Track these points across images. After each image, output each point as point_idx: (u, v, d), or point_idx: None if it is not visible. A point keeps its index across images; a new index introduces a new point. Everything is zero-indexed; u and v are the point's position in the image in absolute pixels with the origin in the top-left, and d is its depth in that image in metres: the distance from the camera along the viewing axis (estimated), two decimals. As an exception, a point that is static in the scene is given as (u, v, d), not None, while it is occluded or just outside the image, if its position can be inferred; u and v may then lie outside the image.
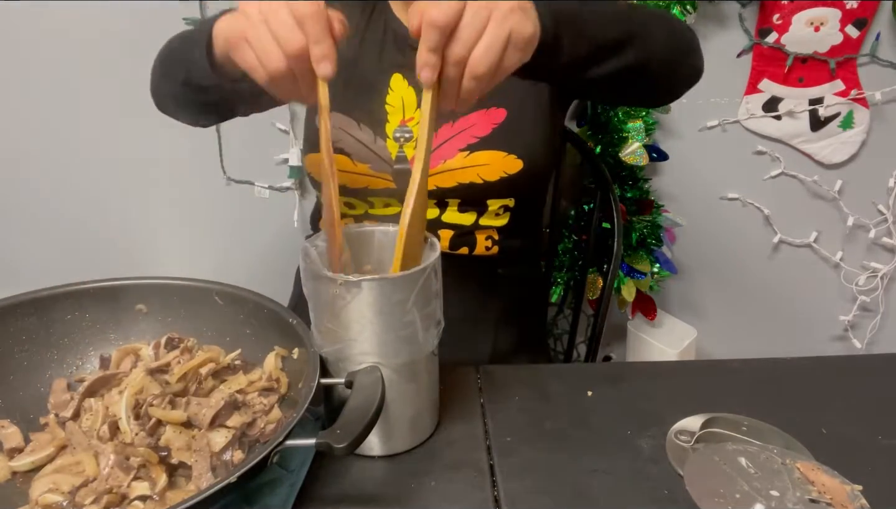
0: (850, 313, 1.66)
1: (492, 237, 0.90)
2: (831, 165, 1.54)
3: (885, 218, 1.57)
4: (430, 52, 0.53)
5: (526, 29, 0.55)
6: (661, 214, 1.47)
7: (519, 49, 0.55)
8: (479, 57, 0.52)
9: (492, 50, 0.53)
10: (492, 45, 0.53)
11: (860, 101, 1.47)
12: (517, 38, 0.54)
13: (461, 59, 0.53)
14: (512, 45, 0.54)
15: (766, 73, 1.46)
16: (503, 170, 0.84)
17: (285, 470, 0.59)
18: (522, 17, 0.54)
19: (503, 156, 0.84)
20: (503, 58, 0.54)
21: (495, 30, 0.53)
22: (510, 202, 0.88)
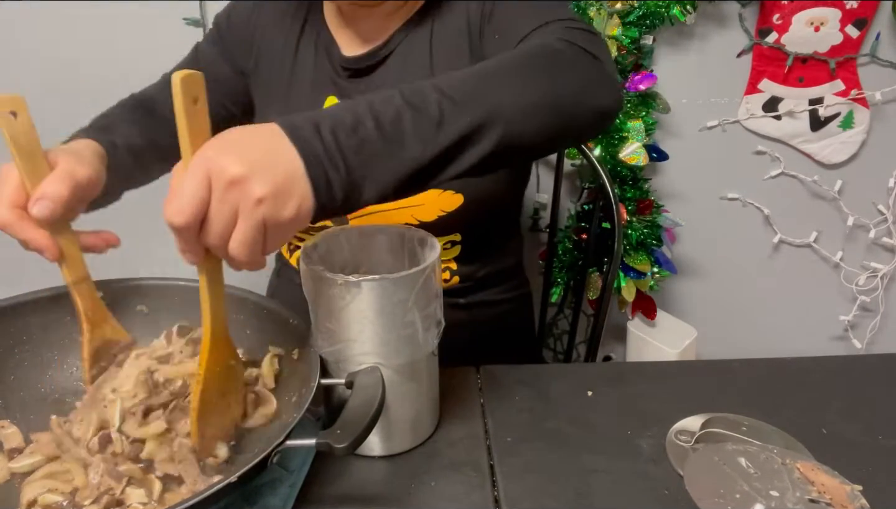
0: (850, 313, 1.66)
1: (449, 268, 0.86)
2: (831, 165, 1.54)
3: (885, 218, 1.57)
4: (182, 243, 0.47)
5: (283, 214, 0.46)
6: (661, 214, 1.47)
7: (281, 233, 0.48)
8: (233, 250, 0.46)
9: (245, 245, 0.46)
10: (244, 240, 0.46)
11: (860, 100, 1.47)
12: (274, 224, 0.46)
13: (217, 248, 0.47)
14: (272, 232, 0.47)
15: (766, 73, 1.46)
16: (440, 209, 0.79)
17: (285, 470, 0.59)
18: (275, 203, 0.46)
19: (438, 194, 0.78)
20: (267, 242, 0.47)
21: (245, 225, 0.45)
22: (456, 237, 0.84)
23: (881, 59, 1.44)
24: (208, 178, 0.45)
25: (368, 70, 0.82)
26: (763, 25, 1.42)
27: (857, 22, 1.40)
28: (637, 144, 1.37)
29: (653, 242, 1.44)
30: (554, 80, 0.59)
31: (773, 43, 1.43)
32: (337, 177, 0.48)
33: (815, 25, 1.40)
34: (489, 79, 0.56)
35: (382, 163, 0.50)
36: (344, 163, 0.48)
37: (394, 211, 0.80)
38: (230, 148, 0.46)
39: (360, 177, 0.49)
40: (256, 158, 0.45)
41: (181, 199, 0.44)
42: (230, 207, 0.45)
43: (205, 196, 0.45)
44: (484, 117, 0.53)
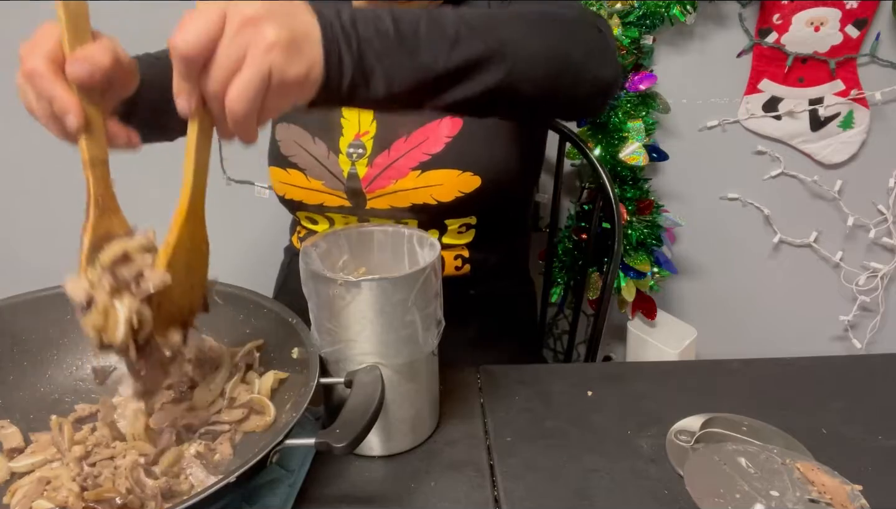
0: (850, 313, 1.66)
1: (461, 256, 0.86)
2: (831, 165, 1.54)
3: (885, 218, 1.57)
4: (182, 79, 0.45)
5: (291, 70, 0.45)
6: (661, 214, 1.47)
7: (283, 94, 0.46)
8: (233, 99, 0.44)
9: (246, 92, 0.44)
10: (246, 86, 0.44)
11: (860, 100, 1.47)
12: (279, 80, 0.45)
13: (216, 96, 0.45)
14: (274, 88, 0.45)
15: (766, 73, 1.46)
16: (458, 190, 0.80)
17: (285, 469, 0.59)
18: (286, 54, 0.44)
19: (457, 175, 0.79)
20: (266, 99, 0.45)
21: (250, 69, 0.44)
22: (471, 220, 0.84)
23: (881, 59, 1.44)
24: (223, 15, 0.43)
25: None
26: (763, 25, 1.42)
27: (857, 22, 1.40)
28: (637, 144, 1.37)
29: (653, 242, 1.44)
30: (564, 39, 0.61)
31: (773, 43, 1.43)
32: (349, 58, 0.48)
33: (815, 25, 1.40)
34: (506, 20, 0.58)
35: (394, 60, 0.50)
36: (358, 47, 0.48)
37: (412, 191, 0.80)
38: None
39: (370, 66, 0.49)
40: (276, 8, 0.45)
41: (191, 27, 0.43)
42: (240, 47, 0.43)
43: (216, 30, 0.43)
44: (495, 50, 0.55)
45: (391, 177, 0.81)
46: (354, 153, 0.83)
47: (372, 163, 0.82)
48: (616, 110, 1.38)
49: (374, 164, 0.82)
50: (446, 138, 0.80)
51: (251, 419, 0.61)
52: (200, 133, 0.49)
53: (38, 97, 0.51)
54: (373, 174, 0.82)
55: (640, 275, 1.44)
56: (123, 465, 0.55)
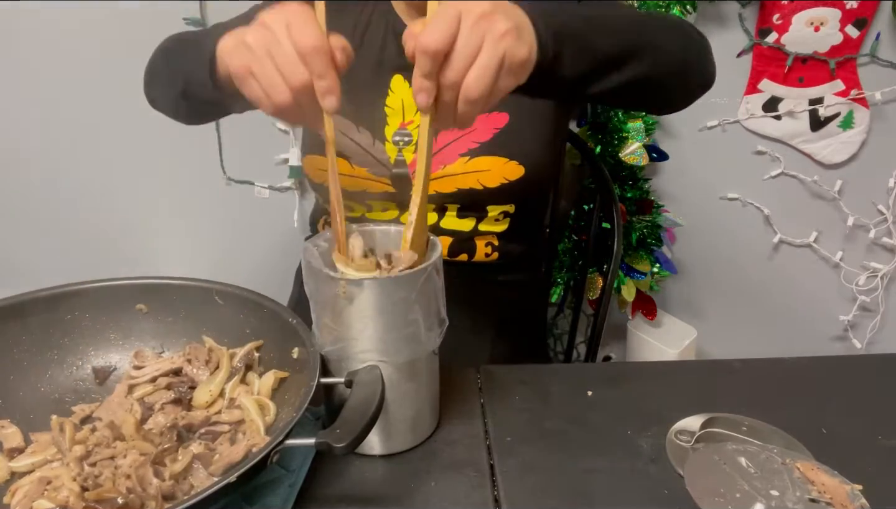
0: (850, 313, 1.66)
1: (491, 243, 0.90)
2: (831, 165, 1.54)
3: (885, 218, 1.57)
4: (424, 77, 0.52)
5: (520, 52, 0.54)
6: (661, 214, 1.47)
7: (513, 73, 0.54)
8: (472, 82, 0.52)
9: (485, 75, 0.52)
10: (485, 70, 0.52)
11: (860, 100, 1.47)
12: (511, 61, 0.53)
13: (455, 84, 0.52)
14: (506, 69, 0.53)
15: (766, 73, 1.46)
16: (504, 177, 0.83)
17: (285, 469, 0.59)
18: (516, 40, 0.53)
19: (504, 163, 0.83)
20: (497, 81, 0.53)
21: (488, 54, 0.52)
22: (510, 208, 0.87)
23: (881, 59, 1.44)
24: (458, 16, 0.51)
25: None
26: (763, 25, 1.42)
27: (857, 22, 1.40)
28: (637, 144, 1.37)
29: (653, 242, 1.44)
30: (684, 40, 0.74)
31: (773, 43, 1.43)
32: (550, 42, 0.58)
33: (815, 25, 1.40)
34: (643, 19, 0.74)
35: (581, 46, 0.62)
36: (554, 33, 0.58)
37: (460, 176, 0.83)
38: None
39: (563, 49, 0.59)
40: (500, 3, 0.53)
41: (436, 27, 0.50)
42: (477, 37, 0.51)
43: (455, 28, 0.51)
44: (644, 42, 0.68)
45: (440, 162, 0.84)
46: (401, 141, 0.85)
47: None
48: (616, 110, 1.38)
49: None
50: (494, 129, 0.84)
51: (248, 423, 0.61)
52: (431, 128, 0.56)
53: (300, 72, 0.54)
54: None
55: (640, 275, 1.44)
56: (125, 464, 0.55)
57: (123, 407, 0.62)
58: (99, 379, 0.68)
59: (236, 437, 0.59)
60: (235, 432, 0.60)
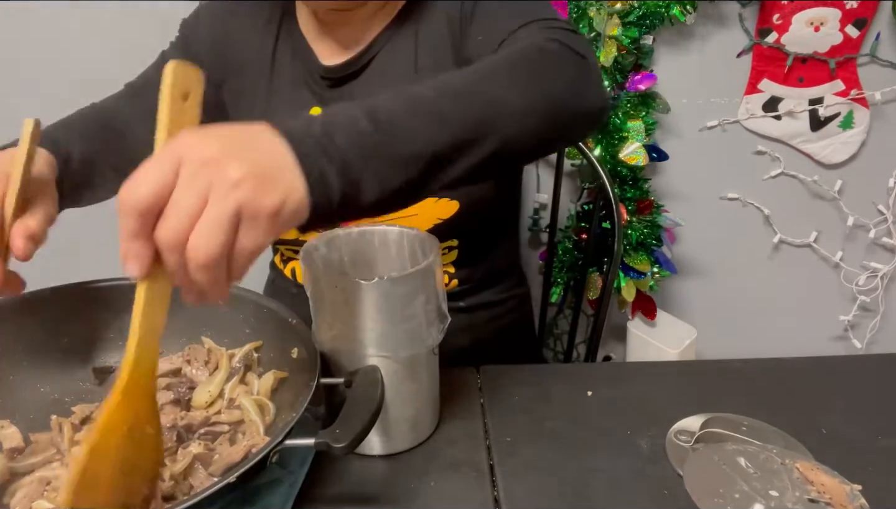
0: (850, 313, 1.66)
1: (447, 272, 0.85)
2: (831, 165, 1.54)
3: (885, 218, 1.57)
4: (131, 238, 0.39)
5: (265, 201, 0.40)
6: (661, 214, 1.47)
7: (261, 226, 0.40)
8: (195, 242, 0.38)
9: (211, 234, 0.38)
10: (210, 227, 0.38)
11: (860, 100, 1.47)
12: (252, 213, 0.39)
13: (174, 245, 0.39)
14: (247, 224, 0.40)
15: (766, 73, 1.46)
16: (436, 217, 0.78)
17: (285, 469, 0.59)
18: (257, 188, 0.39)
19: (434, 202, 0.77)
20: (238, 239, 0.40)
21: (214, 209, 0.38)
22: (453, 242, 0.83)
23: (881, 59, 1.44)
24: (178, 162, 0.39)
25: (350, 77, 0.80)
26: (763, 25, 1.42)
27: (857, 22, 1.40)
28: (637, 144, 1.37)
29: (653, 242, 1.44)
30: (546, 83, 0.57)
31: (773, 43, 1.43)
32: (332, 171, 0.43)
33: (815, 25, 1.40)
34: (484, 79, 0.54)
35: (380, 160, 0.46)
36: (340, 157, 0.44)
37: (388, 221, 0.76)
38: (209, 134, 0.41)
39: (358, 173, 0.45)
40: (238, 143, 0.40)
41: (143, 178, 0.38)
42: (200, 189, 0.38)
43: (170, 179, 0.38)
44: (484, 117, 0.51)
45: None
46: None
47: None
48: (616, 110, 1.38)
49: None
50: None
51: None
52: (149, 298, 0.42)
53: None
54: None
55: (640, 275, 1.44)
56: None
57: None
58: (99, 379, 0.68)
59: (236, 437, 0.59)
60: (235, 432, 0.60)
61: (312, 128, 0.44)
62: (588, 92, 0.60)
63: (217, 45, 0.86)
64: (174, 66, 0.40)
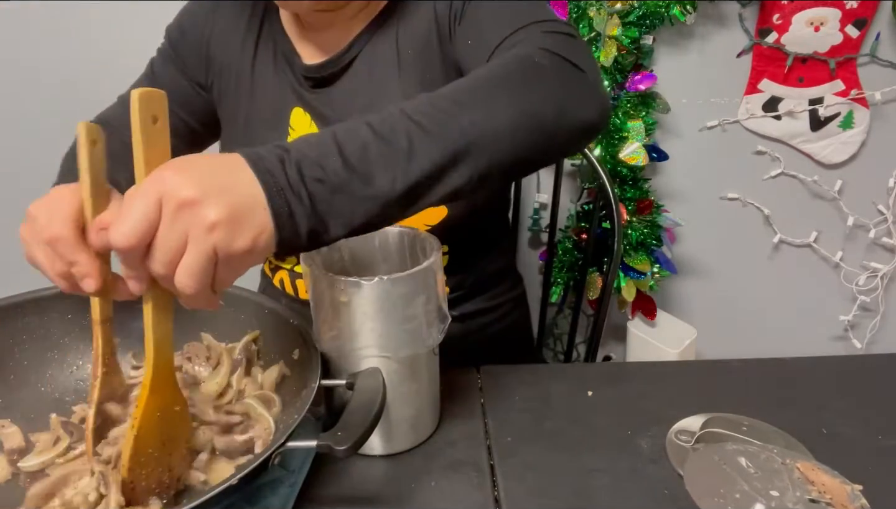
0: (850, 313, 1.66)
1: None
2: (831, 165, 1.54)
3: (885, 218, 1.57)
4: (126, 267, 0.45)
5: (237, 244, 0.43)
6: (661, 214, 1.47)
7: (234, 266, 0.45)
8: (181, 281, 0.43)
9: (194, 275, 0.43)
10: (192, 269, 0.43)
11: (860, 100, 1.47)
12: (226, 256, 0.43)
13: (162, 277, 0.44)
14: (223, 261, 0.44)
15: (766, 73, 1.46)
16: (423, 223, 0.77)
17: (286, 470, 0.59)
18: (230, 230, 0.43)
19: None
20: (216, 273, 0.44)
21: (193, 254, 0.42)
22: (444, 248, 0.80)
23: (881, 59, 1.44)
24: (159, 200, 0.42)
25: (332, 78, 0.78)
26: (763, 25, 1.42)
27: (856, 22, 1.40)
28: (637, 144, 1.37)
29: (653, 242, 1.44)
30: (533, 99, 0.55)
31: (773, 43, 1.43)
32: (301, 211, 0.45)
33: (815, 25, 1.40)
34: (463, 102, 0.52)
35: (349, 197, 0.47)
36: (308, 197, 0.46)
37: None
38: (187, 170, 0.43)
39: (324, 211, 0.46)
40: (213, 183, 0.43)
41: (127, 219, 0.42)
42: (180, 232, 0.42)
43: (154, 218, 0.42)
44: (458, 147, 0.50)
45: None
46: None
47: None
48: (616, 110, 1.38)
49: None
50: None
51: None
52: (156, 309, 0.48)
53: (57, 259, 0.50)
54: None
55: (640, 275, 1.44)
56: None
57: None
58: (99, 379, 0.68)
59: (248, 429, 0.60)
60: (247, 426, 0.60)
61: (286, 164, 0.46)
62: (582, 105, 0.58)
63: (202, 48, 0.85)
64: (139, 94, 0.43)
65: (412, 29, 0.75)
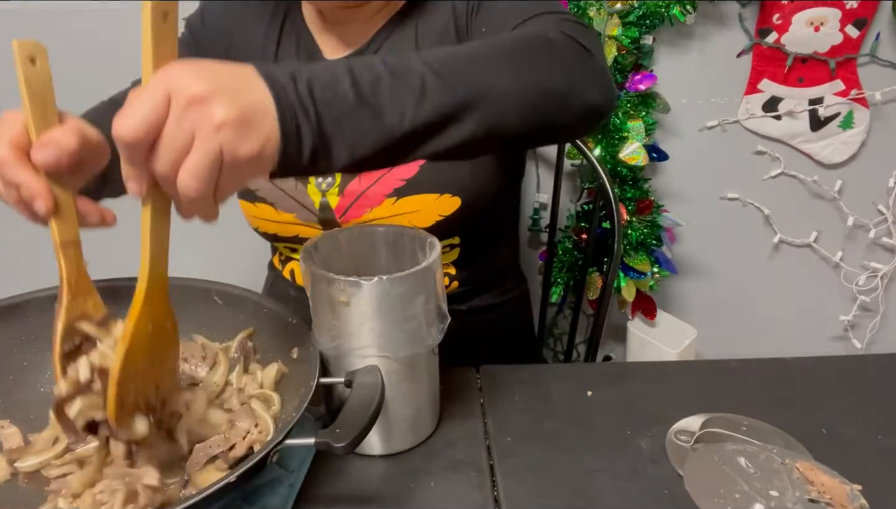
0: (850, 313, 1.66)
1: (448, 274, 0.85)
2: (831, 165, 1.54)
3: (885, 218, 1.57)
4: (128, 164, 0.43)
5: (242, 148, 0.42)
6: (661, 214, 1.47)
7: (237, 173, 0.43)
8: (183, 182, 0.42)
9: (197, 175, 0.41)
10: (196, 169, 0.41)
11: (860, 100, 1.47)
12: (231, 159, 0.42)
13: (167, 179, 0.42)
14: (227, 168, 0.42)
15: (766, 73, 1.46)
16: (438, 214, 0.77)
17: (285, 469, 0.59)
18: (238, 132, 0.42)
19: (435, 198, 0.76)
20: (220, 180, 0.43)
21: (199, 153, 0.41)
22: (455, 240, 0.82)
23: (881, 59, 1.44)
24: (168, 95, 0.41)
25: None
26: (763, 25, 1.42)
27: (857, 22, 1.40)
28: (637, 144, 1.37)
29: (653, 242, 1.44)
30: (545, 69, 0.56)
31: (773, 43, 1.43)
32: (307, 128, 0.45)
33: (815, 25, 1.40)
34: (478, 59, 0.54)
35: (355, 124, 0.47)
36: (316, 116, 0.45)
37: (389, 218, 0.78)
38: (198, 69, 0.42)
39: (330, 134, 0.46)
40: (225, 84, 0.42)
41: (135, 112, 0.40)
42: (187, 129, 0.41)
43: (161, 113, 0.41)
44: (468, 97, 0.51)
45: (365, 205, 0.78)
46: (324, 183, 0.80)
47: (343, 193, 0.79)
48: (616, 110, 1.38)
49: (345, 193, 0.79)
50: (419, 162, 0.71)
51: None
52: (155, 214, 0.46)
53: (6, 184, 0.51)
54: (346, 204, 0.80)
55: (640, 275, 1.44)
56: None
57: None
58: (99, 379, 0.68)
59: None
60: None
61: (298, 82, 0.45)
62: (590, 85, 0.59)
63: (222, 41, 0.86)
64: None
65: (432, 24, 0.78)
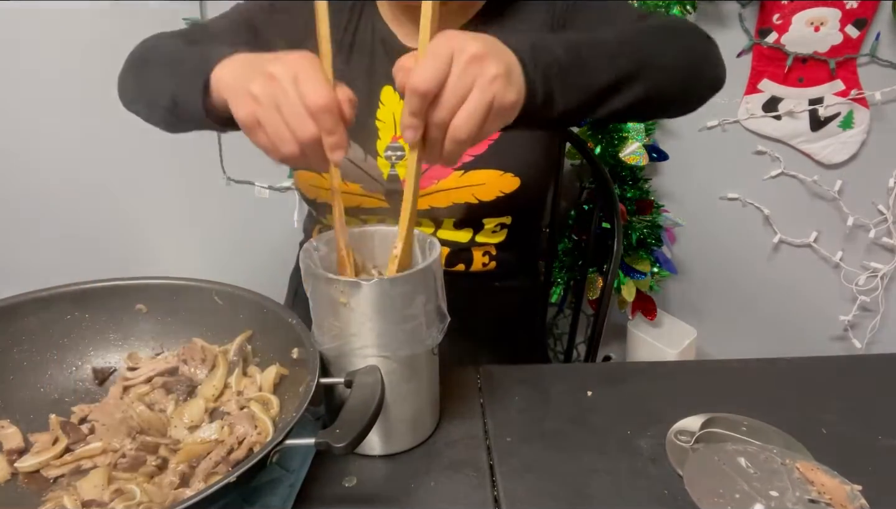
0: (850, 313, 1.66)
1: (489, 253, 0.88)
2: (831, 165, 1.54)
3: (885, 218, 1.57)
4: (413, 115, 0.53)
5: (508, 97, 0.54)
6: (661, 214, 1.47)
7: (500, 116, 0.55)
8: (460, 124, 0.52)
9: (473, 117, 0.52)
10: (473, 114, 0.52)
11: (860, 100, 1.47)
12: (499, 105, 0.53)
13: (443, 124, 0.53)
14: (494, 112, 0.53)
15: (766, 73, 1.46)
16: (499, 190, 0.82)
17: (285, 469, 0.59)
18: (506, 84, 0.53)
19: (499, 175, 0.81)
20: (485, 123, 0.53)
21: (477, 99, 0.52)
22: (507, 220, 0.86)
23: (881, 59, 1.44)
24: (451, 56, 0.51)
25: None
26: (763, 25, 1.42)
27: (856, 22, 1.40)
28: (637, 144, 1.37)
29: (653, 242, 1.44)
30: (687, 49, 0.73)
31: (773, 43, 1.43)
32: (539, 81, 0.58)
33: (815, 25, 1.40)
34: (642, 36, 0.69)
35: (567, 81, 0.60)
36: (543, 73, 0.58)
37: (454, 190, 0.82)
38: (467, 35, 0.53)
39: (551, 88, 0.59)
40: (491, 44, 0.54)
41: (428, 67, 0.50)
42: (468, 81, 0.52)
43: (447, 69, 0.51)
44: (641, 64, 0.66)
45: (434, 177, 0.82)
46: (393, 155, 0.84)
47: None
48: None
49: None
50: (489, 141, 0.82)
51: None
52: (419, 161, 0.56)
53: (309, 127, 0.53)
54: None
55: (640, 275, 1.44)
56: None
57: (119, 408, 0.62)
58: (98, 379, 0.68)
59: None
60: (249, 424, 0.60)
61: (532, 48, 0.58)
62: (717, 64, 0.76)
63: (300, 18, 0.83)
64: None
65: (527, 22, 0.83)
